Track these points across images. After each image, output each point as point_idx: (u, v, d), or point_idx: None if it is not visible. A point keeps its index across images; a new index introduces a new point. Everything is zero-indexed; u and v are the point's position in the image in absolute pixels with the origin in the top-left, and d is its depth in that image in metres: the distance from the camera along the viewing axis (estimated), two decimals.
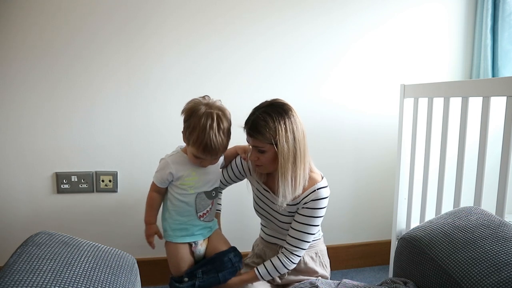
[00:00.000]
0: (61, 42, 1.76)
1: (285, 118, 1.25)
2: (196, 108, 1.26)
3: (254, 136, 1.26)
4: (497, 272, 0.95)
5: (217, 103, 1.30)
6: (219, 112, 1.26)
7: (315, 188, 1.33)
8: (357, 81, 2.10)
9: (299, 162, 1.27)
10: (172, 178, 1.33)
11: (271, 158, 1.28)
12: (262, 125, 1.25)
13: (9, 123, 1.77)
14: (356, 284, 1.19)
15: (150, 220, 1.39)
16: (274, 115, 1.25)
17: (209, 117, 1.24)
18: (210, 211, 1.40)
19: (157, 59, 1.86)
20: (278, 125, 1.24)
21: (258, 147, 1.28)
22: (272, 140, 1.24)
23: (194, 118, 1.25)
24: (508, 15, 2.02)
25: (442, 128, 1.64)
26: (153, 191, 1.38)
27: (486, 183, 1.45)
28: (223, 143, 1.27)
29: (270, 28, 1.95)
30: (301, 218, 1.34)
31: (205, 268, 1.34)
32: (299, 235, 1.34)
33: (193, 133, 1.25)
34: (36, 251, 0.90)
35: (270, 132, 1.24)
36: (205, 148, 1.25)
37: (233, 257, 1.37)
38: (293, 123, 1.26)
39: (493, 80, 1.52)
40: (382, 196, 2.21)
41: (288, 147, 1.25)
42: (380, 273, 2.18)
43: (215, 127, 1.23)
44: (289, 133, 1.25)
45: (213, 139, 1.23)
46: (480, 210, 1.24)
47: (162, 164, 1.35)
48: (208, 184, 1.37)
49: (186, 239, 1.37)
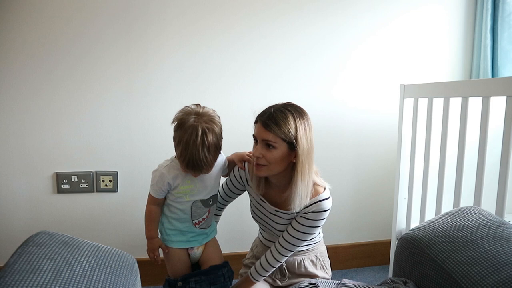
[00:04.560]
0: (62, 44, 1.76)
1: (305, 120, 1.23)
2: (185, 119, 1.22)
3: (270, 128, 1.19)
4: (497, 272, 0.95)
5: (209, 113, 1.24)
6: (206, 126, 1.20)
7: (316, 200, 1.28)
8: (359, 81, 2.10)
9: (312, 167, 1.26)
10: (170, 188, 1.31)
11: (279, 156, 1.21)
12: (282, 117, 1.20)
13: (9, 123, 1.77)
14: (356, 284, 1.19)
15: (152, 234, 1.36)
16: (295, 113, 1.22)
17: (194, 131, 1.19)
18: (207, 218, 1.38)
19: (158, 60, 1.86)
20: (299, 123, 1.20)
21: (269, 141, 1.20)
22: (289, 137, 1.19)
23: (181, 130, 1.21)
24: (508, 15, 2.02)
25: (442, 128, 1.64)
26: (151, 204, 1.35)
27: (486, 183, 1.45)
28: (207, 160, 1.22)
29: (271, 32, 1.95)
30: (298, 226, 1.31)
31: (198, 278, 1.34)
32: (292, 240, 1.33)
33: (178, 146, 1.22)
34: (36, 251, 0.90)
35: (289, 127, 1.19)
36: (188, 164, 1.22)
37: (226, 272, 1.38)
38: (309, 127, 1.24)
39: (493, 80, 1.52)
40: (382, 196, 2.21)
41: (308, 147, 1.22)
42: (380, 273, 2.18)
43: (199, 144, 1.19)
44: (308, 134, 1.23)
45: (196, 156, 1.19)
46: (480, 210, 1.23)
47: (157, 176, 1.30)
48: (205, 192, 1.35)
49: (181, 244, 1.37)
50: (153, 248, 1.36)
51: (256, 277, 1.39)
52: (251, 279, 1.39)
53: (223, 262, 1.42)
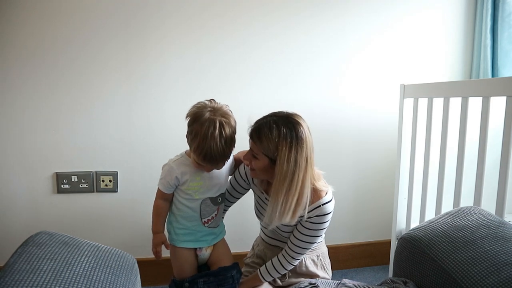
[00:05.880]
0: (61, 42, 1.76)
1: (292, 137, 1.17)
2: (200, 113, 1.22)
3: (253, 140, 1.23)
4: (497, 272, 0.95)
5: (223, 108, 1.24)
6: (222, 119, 1.21)
7: (319, 204, 1.29)
8: (361, 82, 2.10)
9: (294, 188, 1.20)
10: (178, 183, 1.31)
11: (261, 167, 1.24)
12: (265, 132, 1.19)
13: (9, 123, 1.77)
14: (356, 284, 1.19)
15: (158, 229, 1.36)
16: (283, 129, 1.18)
17: (211, 124, 1.19)
18: (216, 217, 1.37)
19: (158, 59, 1.86)
20: (283, 141, 1.17)
21: (253, 152, 1.25)
22: (269, 153, 1.20)
23: (197, 124, 1.21)
24: (508, 15, 2.02)
25: (442, 128, 1.64)
26: (159, 198, 1.35)
27: (486, 183, 1.45)
28: (225, 153, 1.22)
29: (277, 35, 1.95)
30: (304, 230, 1.33)
31: (207, 278, 1.33)
32: (301, 244, 1.34)
33: (194, 140, 1.21)
34: (36, 251, 0.90)
35: (270, 144, 1.18)
36: (205, 157, 1.21)
37: (235, 273, 1.37)
38: (299, 145, 1.18)
39: (493, 80, 1.52)
40: (382, 196, 2.21)
41: (288, 169, 1.18)
42: (380, 273, 2.18)
43: (217, 136, 1.18)
44: (292, 154, 1.17)
45: (214, 148, 1.19)
46: (480, 210, 1.23)
47: (166, 170, 1.31)
48: (214, 189, 1.35)
49: (190, 244, 1.36)
50: (156, 243, 1.36)
51: (266, 277, 1.39)
52: (260, 278, 1.39)
53: (233, 264, 1.40)
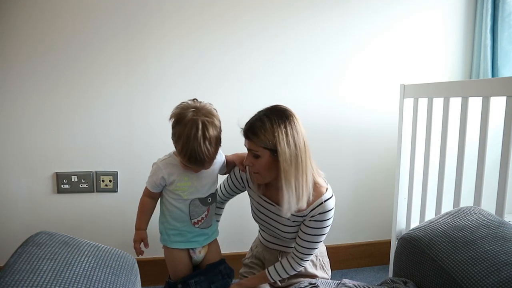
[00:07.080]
0: (61, 43, 1.76)
1: (285, 123, 1.20)
2: (183, 114, 1.20)
3: (250, 138, 1.22)
4: (497, 272, 0.95)
5: (206, 107, 1.23)
6: (205, 119, 1.19)
7: (321, 201, 1.29)
8: (361, 81, 2.10)
9: (301, 171, 1.21)
10: (165, 183, 1.31)
11: (265, 164, 1.23)
12: (258, 126, 1.20)
13: (9, 123, 1.77)
14: (356, 284, 1.19)
15: (140, 226, 1.36)
16: (273, 118, 1.20)
17: (194, 125, 1.17)
18: (206, 218, 1.36)
19: (158, 59, 1.86)
20: (277, 128, 1.18)
21: (253, 151, 1.23)
22: (268, 144, 1.19)
23: (180, 126, 1.19)
24: (508, 15, 2.02)
25: (442, 128, 1.64)
26: (145, 196, 1.36)
27: (486, 183, 1.45)
28: (210, 153, 1.21)
29: (277, 35, 1.96)
30: (310, 230, 1.32)
31: (198, 278, 1.33)
32: (308, 245, 1.33)
33: (178, 141, 1.20)
34: (36, 251, 0.90)
35: (266, 135, 1.19)
36: (190, 158, 1.20)
37: (223, 268, 1.37)
38: (294, 129, 1.21)
39: (493, 80, 1.52)
40: (382, 196, 2.21)
41: (290, 152, 1.19)
42: (380, 273, 2.18)
43: (200, 137, 1.17)
44: (290, 137, 1.19)
45: (198, 150, 1.18)
46: (480, 210, 1.24)
47: (154, 169, 1.31)
48: (203, 190, 1.33)
49: (181, 245, 1.35)
50: (136, 239, 1.36)
51: (275, 277, 1.37)
52: (268, 278, 1.38)
53: (220, 260, 1.40)
